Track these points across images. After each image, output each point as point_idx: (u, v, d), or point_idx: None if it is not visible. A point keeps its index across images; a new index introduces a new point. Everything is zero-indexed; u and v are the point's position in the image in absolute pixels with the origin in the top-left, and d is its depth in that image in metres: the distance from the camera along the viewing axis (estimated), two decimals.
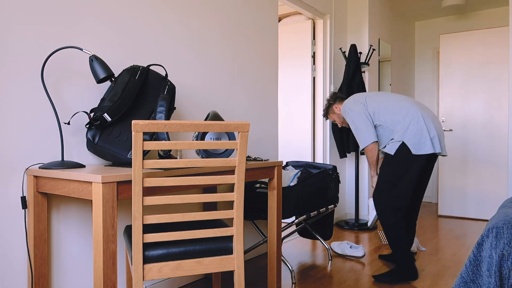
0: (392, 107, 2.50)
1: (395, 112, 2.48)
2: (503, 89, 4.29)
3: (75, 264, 1.87)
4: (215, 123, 1.37)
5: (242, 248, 1.53)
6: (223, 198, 1.47)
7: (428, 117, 2.45)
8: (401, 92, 5.29)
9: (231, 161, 1.45)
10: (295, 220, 2.50)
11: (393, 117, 2.48)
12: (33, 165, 1.68)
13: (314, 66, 4.03)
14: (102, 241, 1.34)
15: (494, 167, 4.33)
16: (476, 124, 4.41)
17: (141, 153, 1.31)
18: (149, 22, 2.18)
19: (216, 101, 2.64)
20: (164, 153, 1.84)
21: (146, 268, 1.41)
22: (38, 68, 1.71)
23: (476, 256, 1.43)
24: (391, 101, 2.54)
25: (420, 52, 5.70)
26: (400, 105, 2.50)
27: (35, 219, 1.63)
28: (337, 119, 2.93)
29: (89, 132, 1.83)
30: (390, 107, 2.51)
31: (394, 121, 2.48)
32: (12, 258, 1.64)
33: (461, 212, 4.51)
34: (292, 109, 4.12)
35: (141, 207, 1.36)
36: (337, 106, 2.89)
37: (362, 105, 2.58)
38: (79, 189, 1.43)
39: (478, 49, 4.41)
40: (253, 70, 2.97)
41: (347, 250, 2.95)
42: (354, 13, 4.33)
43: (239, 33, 2.82)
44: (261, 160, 2.23)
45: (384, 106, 2.52)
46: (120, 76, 1.86)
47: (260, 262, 2.91)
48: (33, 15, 1.69)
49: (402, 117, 2.45)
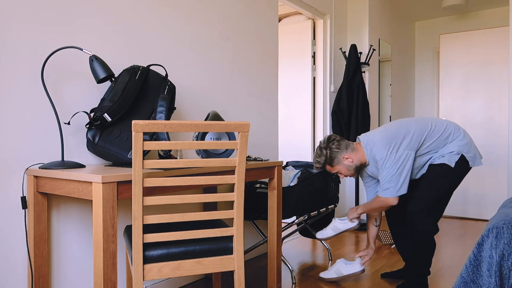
0: (433, 131, 2.22)
1: (439, 132, 2.22)
2: (503, 89, 4.28)
3: (75, 264, 1.87)
4: (215, 123, 1.37)
5: (242, 248, 1.53)
6: (223, 198, 1.47)
7: (461, 127, 2.31)
8: (401, 92, 5.29)
9: (231, 161, 1.44)
10: (295, 220, 2.50)
11: (440, 138, 2.22)
12: (33, 165, 1.68)
13: (314, 66, 4.03)
14: (102, 241, 1.34)
15: (494, 167, 4.33)
16: (476, 124, 4.41)
17: (141, 153, 1.31)
18: (149, 22, 2.18)
19: (216, 101, 2.64)
20: (164, 153, 1.84)
21: (146, 268, 1.41)
22: (38, 68, 1.71)
23: (476, 256, 1.43)
24: (427, 125, 2.24)
25: (420, 52, 5.70)
26: (439, 124, 2.25)
27: (35, 219, 1.63)
28: (346, 171, 2.31)
29: (89, 132, 1.83)
30: (432, 132, 2.22)
31: (441, 141, 2.22)
32: (12, 258, 1.64)
33: (461, 212, 4.51)
34: (292, 109, 4.12)
35: (141, 207, 1.36)
36: (347, 156, 2.27)
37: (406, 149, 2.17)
38: (79, 189, 1.43)
39: (478, 49, 4.40)
40: (253, 70, 2.97)
41: (343, 269, 2.44)
42: (354, 13, 4.33)
43: (239, 33, 2.82)
44: (261, 160, 2.23)
45: (427, 134, 2.22)
46: (120, 76, 1.86)
47: (260, 262, 2.91)
48: (33, 15, 1.69)
49: (450, 133, 2.23)
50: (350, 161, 2.28)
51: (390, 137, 2.19)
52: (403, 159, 2.14)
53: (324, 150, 2.28)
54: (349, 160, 2.28)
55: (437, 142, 2.21)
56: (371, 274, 2.62)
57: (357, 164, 2.29)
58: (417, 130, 2.20)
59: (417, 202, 2.18)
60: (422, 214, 2.16)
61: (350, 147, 2.29)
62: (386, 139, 2.19)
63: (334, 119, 3.95)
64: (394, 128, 2.24)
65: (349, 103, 3.89)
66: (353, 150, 2.28)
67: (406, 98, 5.45)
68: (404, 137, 2.18)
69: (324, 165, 2.32)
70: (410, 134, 2.19)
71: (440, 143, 2.22)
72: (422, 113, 5.69)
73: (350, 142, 2.32)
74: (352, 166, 2.29)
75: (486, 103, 4.37)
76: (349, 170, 2.31)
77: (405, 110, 5.41)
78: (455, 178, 2.19)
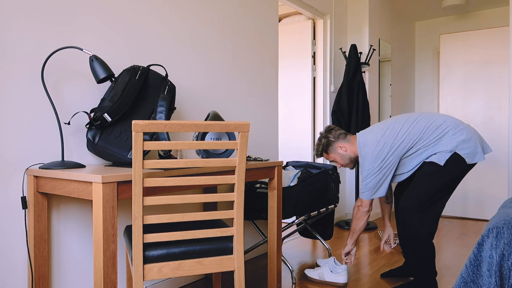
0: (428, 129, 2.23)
1: (434, 129, 2.23)
2: (503, 89, 4.28)
3: (75, 264, 1.87)
4: (215, 123, 1.37)
5: (242, 248, 1.53)
6: (223, 198, 1.47)
7: (462, 123, 2.26)
8: (401, 92, 5.29)
9: (231, 161, 1.44)
10: (295, 220, 2.50)
11: (434, 135, 2.22)
12: (33, 165, 1.68)
13: (314, 66, 4.03)
14: (102, 241, 1.34)
15: (494, 167, 4.33)
16: (476, 124, 4.41)
17: (141, 153, 1.31)
18: (149, 22, 2.18)
19: (216, 101, 2.64)
20: (164, 153, 1.84)
21: (146, 268, 1.41)
22: (38, 68, 1.71)
23: (477, 256, 1.43)
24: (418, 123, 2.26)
25: (420, 52, 5.70)
26: (436, 121, 2.25)
27: (35, 219, 1.63)
28: (340, 159, 2.45)
29: (89, 132, 1.83)
30: (427, 131, 2.23)
31: (435, 139, 2.21)
32: (12, 258, 1.64)
33: (461, 212, 4.51)
34: (292, 109, 4.12)
35: (141, 207, 1.36)
36: (341, 145, 2.41)
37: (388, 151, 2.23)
38: (79, 189, 1.43)
39: (478, 49, 4.40)
40: (253, 70, 2.97)
41: (327, 276, 2.43)
42: (354, 13, 4.33)
43: (239, 33, 2.82)
44: (261, 160, 2.23)
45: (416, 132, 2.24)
46: (120, 76, 1.86)
47: (260, 262, 2.91)
48: (33, 15, 1.69)
49: (446, 130, 2.21)
50: (344, 150, 2.42)
51: (380, 149, 2.25)
52: (386, 168, 2.25)
53: (322, 138, 2.47)
54: (343, 149, 2.42)
55: (431, 140, 2.22)
56: (371, 274, 2.62)
57: (351, 155, 2.42)
58: (411, 132, 2.23)
59: (405, 199, 2.24)
60: (409, 211, 2.21)
61: (346, 138, 2.43)
62: (376, 151, 2.25)
63: (334, 119, 3.95)
64: (389, 131, 2.28)
65: (349, 103, 3.89)
66: (348, 142, 2.42)
67: (406, 98, 5.45)
68: (392, 144, 2.24)
69: (321, 152, 2.49)
70: (400, 139, 2.24)
71: (434, 141, 2.22)
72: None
73: (347, 134, 2.46)
74: (346, 156, 2.43)
75: (486, 103, 4.37)
76: (343, 159, 2.44)
77: (405, 110, 5.41)
78: (447, 176, 2.18)
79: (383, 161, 2.23)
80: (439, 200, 2.23)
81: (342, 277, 2.40)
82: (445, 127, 2.22)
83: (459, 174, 2.20)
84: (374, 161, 2.25)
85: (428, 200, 2.20)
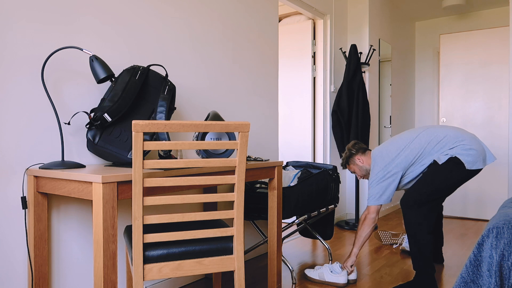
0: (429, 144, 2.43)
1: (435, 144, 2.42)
2: (503, 89, 4.28)
3: (75, 264, 1.87)
4: (215, 123, 1.37)
5: (242, 248, 1.53)
6: (223, 198, 1.47)
7: (464, 134, 2.41)
8: (402, 92, 5.29)
9: (231, 161, 1.44)
10: (295, 220, 2.50)
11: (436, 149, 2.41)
12: (33, 165, 1.68)
13: (314, 66, 4.03)
14: (102, 241, 1.34)
15: (494, 167, 4.33)
16: (476, 124, 4.41)
17: (141, 153, 1.31)
18: (149, 22, 2.18)
19: (216, 101, 2.64)
20: (164, 153, 1.84)
21: (146, 268, 1.41)
22: (38, 68, 1.71)
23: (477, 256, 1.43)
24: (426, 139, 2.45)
25: (420, 52, 5.70)
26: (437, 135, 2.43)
27: (35, 219, 1.63)
28: (358, 171, 2.70)
29: (89, 132, 1.83)
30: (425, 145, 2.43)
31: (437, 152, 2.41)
32: (12, 258, 1.64)
33: (461, 212, 4.51)
34: (293, 109, 4.12)
35: (141, 207, 1.36)
36: (359, 157, 2.67)
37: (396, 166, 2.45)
38: (79, 189, 1.43)
39: (478, 49, 4.40)
40: (254, 70, 2.97)
41: (327, 277, 2.46)
42: (354, 13, 4.33)
43: (239, 33, 2.82)
44: (261, 160, 2.23)
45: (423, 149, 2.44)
46: (120, 76, 1.86)
47: (260, 262, 2.91)
48: (34, 14, 1.69)
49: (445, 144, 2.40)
50: (361, 162, 2.68)
51: (385, 161, 2.51)
52: (391, 178, 2.47)
53: (347, 151, 2.75)
54: (360, 161, 2.68)
55: (433, 153, 2.42)
56: (371, 274, 2.62)
57: (367, 167, 2.67)
58: (414, 148, 2.46)
59: (406, 195, 2.42)
60: (408, 205, 2.37)
61: (365, 152, 2.70)
62: (382, 163, 2.51)
63: (334, 119, 3.96)
64: (395, 146, 2.52)
65: (349, 103, 3.89)
66: (365, 155, 2.69)
67: (406, 98, 5.45)
68: (396, 157, 2.48)
69: (345, 164, 2.77)
70: (404, 154, 2.47)
71: (435, 152, 2.42)
72: (422, 113, 5.69)
73: (367, 149, 2.73)
74: (363, 168, 2.68)
75: (486, 103, 4.37)
76: (361, 170, 2.69)
77: (405, 110, 5.41)
78: (447, 172, 2.33)
79: (387, 171, 2.47)
80: (441, 195, 2.36)
81: (342, 277, 2.42)
82: (446, 142, 2.41)
83: (457, 175, 2.34)
84: (379, 170, 2.50)
85: (427, 197, 2.35)
